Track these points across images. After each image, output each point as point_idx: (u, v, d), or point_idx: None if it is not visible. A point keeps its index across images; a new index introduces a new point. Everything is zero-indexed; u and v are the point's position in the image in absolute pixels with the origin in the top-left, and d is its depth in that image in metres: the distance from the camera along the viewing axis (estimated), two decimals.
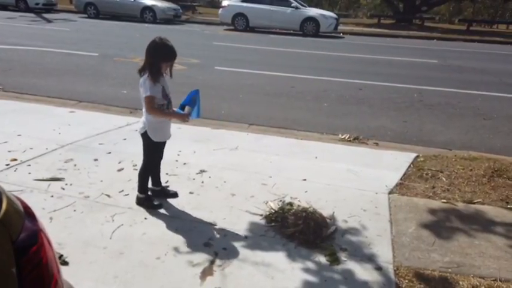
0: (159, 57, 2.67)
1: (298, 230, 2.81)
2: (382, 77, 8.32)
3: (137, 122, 5.37)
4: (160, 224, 2.82)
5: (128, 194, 3.20)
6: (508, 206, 3.26)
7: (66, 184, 3.30)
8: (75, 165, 3.68)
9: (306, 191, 3.39)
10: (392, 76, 8.48)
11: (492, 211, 3.18)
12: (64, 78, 7.48)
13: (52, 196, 3.10)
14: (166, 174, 3.60)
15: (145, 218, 2.88)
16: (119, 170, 3.64)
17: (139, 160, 3.90)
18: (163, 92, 2.79)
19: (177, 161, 3.93)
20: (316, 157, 4.23)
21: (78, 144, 4.19)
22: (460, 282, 2.36)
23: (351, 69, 9.27)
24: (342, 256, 2.57)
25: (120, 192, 3.23)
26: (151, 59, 2.67)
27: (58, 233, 2.60)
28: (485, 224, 2.99)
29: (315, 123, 5.49)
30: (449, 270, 2.47)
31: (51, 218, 2.79)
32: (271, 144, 4.55)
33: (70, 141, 4.24)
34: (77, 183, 3.32)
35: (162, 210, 3.00)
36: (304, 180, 3.63)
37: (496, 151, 4.62)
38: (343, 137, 5.01)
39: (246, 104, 6.42)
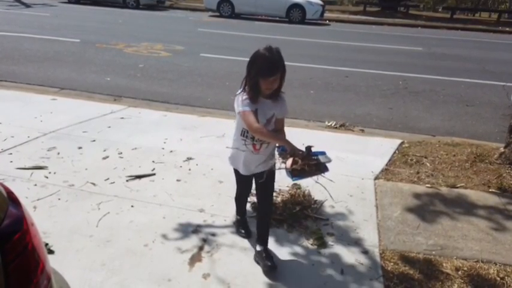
0: (254, 70, 2.01)
1: (286, 215, 2.83)
2: (368, 64, 8.35)
3: (123, 110, 5.36)
4: (148, 212, 2.80)
5: (113, 182, 3.15)
6: (490, 190, 3.35)
7: (50, 173, 3.23)
8: (58, 153, 3.60)
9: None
10: (378, 63, 8.52)
11: (474, 195, 3.26)
12: (44, 65, 7.27)
13: (35, 185, 3.03)
14: (153, 162, 3.57)
15: (132, 206, 2.85)
16: (104, 158, 3.58)
17: (124, 148, 3.83)
18: (256, 114, 2.07)
19: (163, 148, 3.88)
20: (303, 144, 4.23)
21: (61, 132, 4.10)
22: (444, 264, 2.43)
23: (337, 56, 9.27)
24: (329, 240, 2.61)
25: (105, 180, 3.18)
26: (247, 71, 2.07)
27: (42, 222, 2.55)
28: (468, 208, 3.07)
29: (301, 111, 5.49)
30: (433, 252, 2.53)
31: (35, 207, 2.74)
32: None
33: (52, 129, 4.14)
34: (60, 172, 3.26)
35: (149, 198, 2.98)
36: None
37: (478, 137, 4.72)
38: (329, 124, 5.03)
39: (233, 91, 6.32)
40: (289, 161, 2.03)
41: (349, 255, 2.47)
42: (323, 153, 2.15)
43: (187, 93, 6.09)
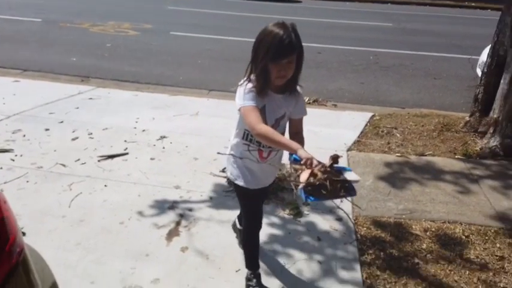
0: (262, 51, 1.54)
1: None
2: (339, 40, 8.38)
3: (91, 90, 5.18)
4: (122, 191, 2.76)
5: (84, 163, 3.07)
6: (456, 157, 3.50)
7: (16, 155, 3.11)
8: (24, 135, 3.46)
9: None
10: (350, 39, 8.57)
11: (441, 162, 3.39)
12: (4, 46, 6.88)
13: (1, 168, 2.91)
14: (125, 141, 3.49)
15: (106, 186, 2.80)
16: (74, 139, 3.47)
17: (94, 128, 3.73)
18: (263, 112, 1.63)
19: (135, 128, 3.80)
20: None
21: (26, 114, 3.93)
22: (413, 227, 2.54)
23: (309, 33, 9.23)
24: (305, 210, 2.66)
25: (76, 161, 3.09)
26: (252, 54, 1.61)
27: (11, 205, 2.46)
28: (435, 174, 3.20)
29: None
30: (403, 216, 2.64)
31: (1, 190, 2.64)
32: (232, 109, 4.47)
33: (17, 111, 3.96)
34: (28, 154, 3.14)
35: (123, 178, 2.93)
36: None
37: (445, 108, 4.88)
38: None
39: (205, 70, 6.27)
40: (304, 174, 1.39)
41: (325, 223, 2.54)
42: (348, 169, 1.53)
43: (158, 72, 5.94)
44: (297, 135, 1.69)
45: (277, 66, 1.53)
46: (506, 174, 3.19)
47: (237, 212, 2.59)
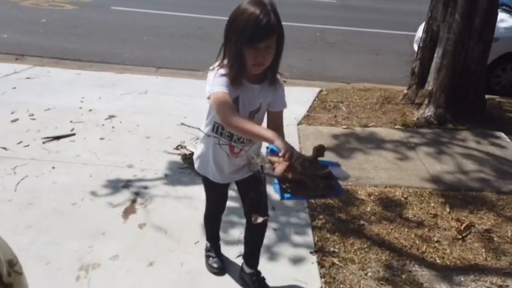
0: (236, 33, 1.35)
1: None
2: (288, 17, 8.38)
3: (28, 69, 4.81)
4: (72, 172, 2.67)
5: (28, 145, 2.92)
6: (395, 127, 3.77)
7: None
8: None
9: None
10: (296, 16, 8.67)
11: (383, 132, 3.65)
12: None
13: None
14: (71, 122, 3.35)
15: (53, 168, 2.69)
16: (13, 121, 3.26)
17: (35, 109, 3.55)
18: (236, 103, 1.45)
19: (81, 107, 3.64)
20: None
21: None
22: (359, 192, 2.74)
23: None
24: None
25: (18, 143, 2.92)
26: (224, 36, 1.41)
27: None
28: (378, 143, 3.44)
29: None
30: (350, 183, 2.83)
31: None
32: (183, 87, 4.45)
33: None
34: None
35: (72, 159, 2.82)
36: None
37: (386, 82, 5.18)
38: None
39: (151, 46, 6.06)
40: (280, 167, 1.22)
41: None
42: (335, 165, 1.37)
43: (100, 50, 5.65)
44: (276, 131, 1.37)
45: (253, 52, 1.33)
46: (439, 141, 3.51)
47: (195, 187, 2.63)
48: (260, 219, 1.58)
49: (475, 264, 2.15)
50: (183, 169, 2.83)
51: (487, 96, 4.24)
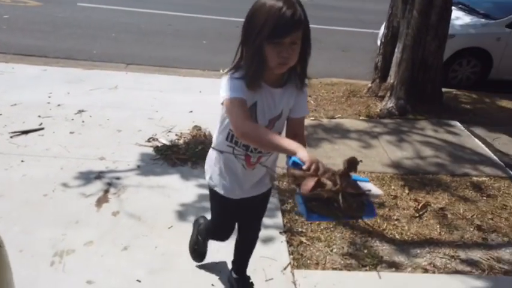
0: (256, 29, 1.20)
1: (190, 154, 2.97)
2: None
3: None
4: (42, 165, 2.66)
5: None
6: (360, 118, 3.97)
7: None
8: None
9: (193, 121, 3.53)
10: None
11: (348, 123, 3.83)
12: None
13: None
14: (39, 116, 3.31)
15: (23, 161, 2.67)
16: None
17: (1, 104, 3.49)
18: (253, 110, 1.31)
19: (49, 103, 3.60)
20: (200, 91, 4.35)
21: None
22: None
23: (227, 7, 9.27)
24: None
25: None
26: (242, 33, 1.27)
27: None
28: (343, 133, 3.61)
29: (196, 61, 5.51)
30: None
31: None
32: (154, 82, 4.48)
33: None
34: None
35: (41, 152, 2.81)
36: (191, 112, 3.75)
37: (352, 77, 5.39)
38: (224, 72, 5.18)
39: (120, 43, 6.01)
40: (308, 184, 1.04)
41: None
42: (364, 180, 1.15)
43: (67, 46, 5.55)
44: (297, 138, 1.24)
45: (276, 48, 1.18)
46: (400, 130, 3.73)
47: (167, 176, 2.70)
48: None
49: (430, 238, 2.34)
50: (156, 160, 2.88)
51: (444, 89, 4.52)
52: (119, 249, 2.00)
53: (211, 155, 1.51)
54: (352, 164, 1.06)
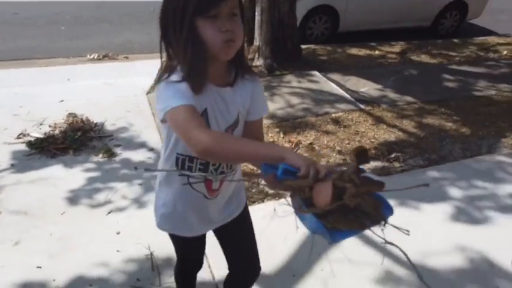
0: (182, 6, 0.89)
1: (69, 142, 2.87)
2: None
3: None
4: None
5: None
6: None
7: None
8: None
9: (66, 110, 3.36)
10: None
11: None
12: None
13: None
14: None
15: None
16: None
17: None
18: (204, 120, 0.99)
19: None
20: (68, 79, 4.10)
21: None
22: None
23: None
24: (118, 150, 2.86)
25: None
26: (162, 26, 0.98)
27: None
28: None
29: (56, 49, 5.09)
30: None
31: None
32: (10, 78, 4.06)
33: None
34: None
35: None
36: (62, 101, 3.54)
37: None
38: (91, 57, 4.92)
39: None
40: (322, 193, 0.74)
41: (139, 155, 2.81)
42: (364, 170, 0.85)
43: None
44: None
45: (215, 23, 0.89)
46: (270, 86, 4.12)
47: (48, 168, 2.59)
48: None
49: None
50: (31, 155, 2.72)
51: (304, 46, 5.07)
52: (10, 245, 1.92)
53: (159, 194, 1.17)
54: (362, 154, 0.80)
